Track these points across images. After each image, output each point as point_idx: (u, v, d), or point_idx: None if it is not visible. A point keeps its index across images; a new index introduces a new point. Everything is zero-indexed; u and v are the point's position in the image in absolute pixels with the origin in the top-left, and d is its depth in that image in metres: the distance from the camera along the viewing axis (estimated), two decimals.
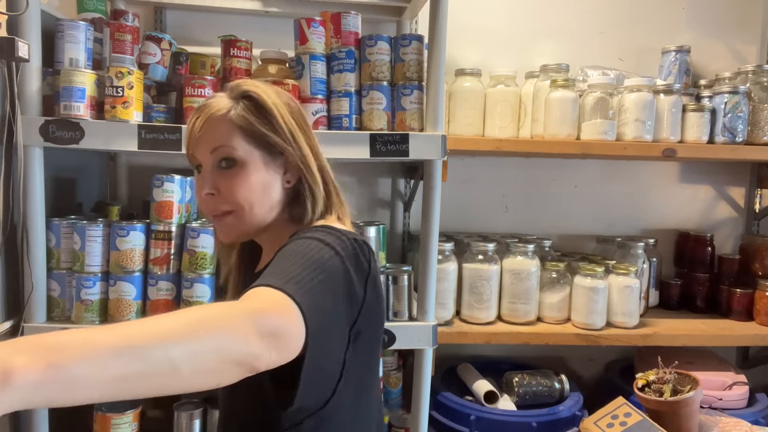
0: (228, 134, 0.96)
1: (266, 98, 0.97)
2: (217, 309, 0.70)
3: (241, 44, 1.63)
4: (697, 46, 2.26)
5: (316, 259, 0.84)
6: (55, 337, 0.58)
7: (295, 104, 1.03)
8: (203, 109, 0.98)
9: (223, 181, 0.96)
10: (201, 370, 0.63)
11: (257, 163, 0.97)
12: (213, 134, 0.96)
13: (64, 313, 1.56)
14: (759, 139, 2.03)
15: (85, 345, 0.58)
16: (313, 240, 0.89)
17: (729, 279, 2.22)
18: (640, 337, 1.93)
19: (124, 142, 1.48)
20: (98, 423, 1.53)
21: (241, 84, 0.99)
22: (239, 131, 0.95)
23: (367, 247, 0.95)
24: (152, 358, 0.60)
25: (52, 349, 0.56)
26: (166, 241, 1.54)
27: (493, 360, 2.21)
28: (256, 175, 0.96)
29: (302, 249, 0.86)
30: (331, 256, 0.86)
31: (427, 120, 1.62)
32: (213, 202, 0.97)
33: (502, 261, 1.98)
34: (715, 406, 1.92)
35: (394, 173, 2.26)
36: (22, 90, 1.43)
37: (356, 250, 0.91)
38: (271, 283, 0.77)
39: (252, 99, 0.97)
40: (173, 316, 0.66)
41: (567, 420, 1.84)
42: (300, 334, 0.74)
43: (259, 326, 0.69)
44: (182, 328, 0.64)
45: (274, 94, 0.99)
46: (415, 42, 1.63)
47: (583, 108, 1.95)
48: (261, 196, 0.97)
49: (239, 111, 0.96)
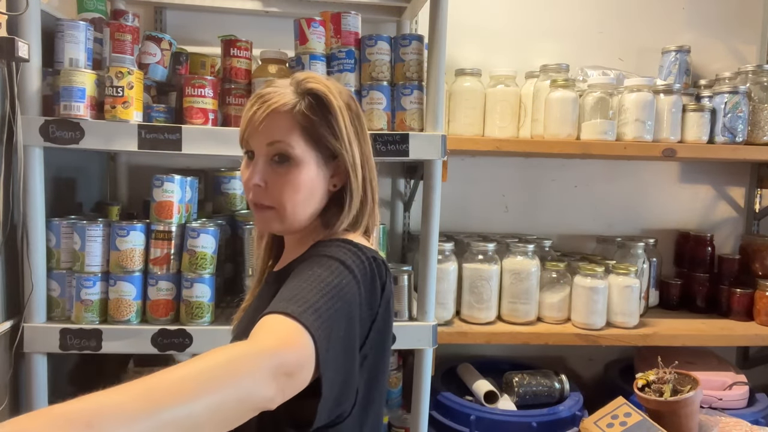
0: (288, 131, 0.93)
1: (332, 99, 0.95)
2: (234, 352, 0.69)
3: (241, 44, 1.63)
4: (697, 46, 2.26)
5: (335, 285, 0.83)
6: (78, 406, 0.56)
7: (355, 105, 1.00)
8: (267, 99, 0.94)
9: (274, 176, 0.95)
10: (221, 421, 0.64)
11: (311, 163, 0.95)
12: (273, 127, 0.93)
13: (64, 313, 1.56)
14: (759, 139, 2.03)
15: (114, 412, 0.56)
16: (333, 260, 0.88)
17: (729, 279, 2.22)
18: (640, 337, 1.93)
19: (124, 142, 1.48)
20: None
21: (309, 80, 0.96)
22: (300, 129, 0.93)
23: (385, 267, 0.94)
24: (177, 421, 0.59)
25: (81, 420, 0.54)
26: (166, 241, 1.54)
27: (493, 360, 2.21)
28: (307, 175, 0.95)
29: (322, 271, 0.85)
30: (349, 281, 0.85)
31: (427, 120, 1.62)
32: (259, 194, 0.96)
33: (502, 261, 1.98)
34: (715, 406, 1.92)
35: (394, 173, 2.26)
36: (22, 90, 1.43)
37: (374, 272, 0.91)
38: (288, 311, 0.77)
39: (318, 98, 0.94)
40: (191, 366, 0.65)
41: (567, 420, 1.84)
42: (311, 368, 0.74)
43: (275, 369, 0.69)
44: (203, 383, 0.63)
45: (338, 95, 0.97)
46: (415, 42, 1.63)
47: (583, 108, 1.95)
48: (306, 198, 0.96)
49: (303, 109, 0.93)
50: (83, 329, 1.49)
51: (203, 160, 1.98)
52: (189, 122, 1.55)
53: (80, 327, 1.49)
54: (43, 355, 1.49)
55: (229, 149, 1.52)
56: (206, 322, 1.55)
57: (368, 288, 0.89)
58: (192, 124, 1.54)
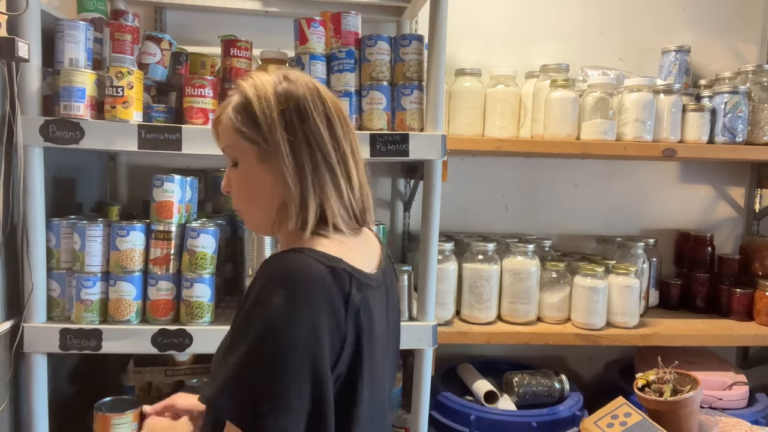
0: (228, 135, 0.97)
1: (250, 92, 0.94)
2: None
3: (241, 44, 1.63)
4: (697, 46, 2.26)
5: (280, 347, 0.80)
6: None
7: (299, 96, 0.94)
8: (217, 110, 1.02)
9: (231, 179, 1.01)
10: None
11: (254, 164, 0.94)
12: (221, 135, 1.00)
13: (64, 313, 1.55)
14: (759, 139, 2.03)
15: None
16: (273, 309, 0.81)
17: (729, 279, 2.22)
18: (640, 337, 1.93)
19: (124, 142, 1.48)
20: (98, 423, 1.53)
21: (239, 80, 0.99)
22: (237, 132, 0.95)
23: (350, 275, 0.88)
24: None
25: None
26: (166, 241, 1.54)
27: (493, 360, 2.21)
28: (253, 176, 0.95)
29: (260, 331, 0.82)
30: (294, 331, 0.81)
31: (427, 120, 1.62)
32: (231, 198, 1.04)
33: (502, 261, 1.98)
34: (715, 406, 1.92)
35: (394, 173, 2.26)
36: (22, 90, 1.43)
37: (329, 290, 0.85)
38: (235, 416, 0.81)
39: (240, 100, 0.95)
40: None
41: (567, 420, 1.84)
42: None
43: None
44: None
45: (264, 86, 0.94)
46: (415, 42, 1.63)
47: (583, 108, 1.95)
48: (253, 199, 0.97)
49: (230, 113, 0.95)
50: (83, 329, 1.49)
51: (203, 160, 1.98)
52: (189, 122, 1.55)
53: (80, 327, 1.49)
54: (43, 355, 1.49)
55: None
56: (206, 322, 1.55)
57: (325, 309, 0.84)
58: (192, 124, 1.54)
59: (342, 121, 0.98)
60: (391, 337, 1.06)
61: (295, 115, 0.93)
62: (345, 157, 0.96)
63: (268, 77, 0.97)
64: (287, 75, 0.97)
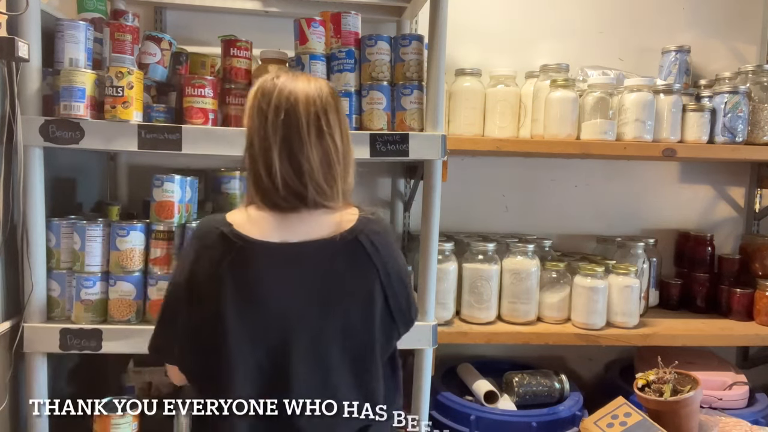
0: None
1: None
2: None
3: (241, 44, 1.63)
4: (697, 46, 2.26)
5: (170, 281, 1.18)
6: None
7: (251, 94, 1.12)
8: None
9: None
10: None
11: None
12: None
13: (64, 313, 1.55)
14: (759, 139, 2.03)
15: None
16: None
17: (729, 279, 2.22)
18: (640, 337, 1.93)
19: (124, 142, 1.48)
20: (98, 423, 1.53)
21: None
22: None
23: (228, 238, 1.07)
24: None
25: None
26: (166, 241, 1.54)
27: (493, 360, 2.21)
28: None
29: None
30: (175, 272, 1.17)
31: (427, 120, 1.62)
32: None
33: (502, 261, 1.98)
34: (715, 406, 1.92)
35: (394, 173, 2.26)
36: (22, 90, 1.43)
37: (207, 249, 1.08)
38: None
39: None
40: None
41: (567, 420, 1.84)
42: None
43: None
44: None
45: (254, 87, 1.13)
46: (415, 42, 1.63)
47: (583, 108, 1.95)
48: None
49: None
50: (83, 329, 1.49)
51: (203, 160, 1.98)
52: (189, 122, 1.55)
53: (80, 327, 1.49)
54: (43, 355, 1.49)
55: (228, 149, 1.51)
56: None
57: (201, 256, 1.09)
58: (192, 124, 1.54)
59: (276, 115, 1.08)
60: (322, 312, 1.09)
61: (248, 110, 1.13)
62: (268, 148, 1.08)
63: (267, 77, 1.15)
64: (277, 74, 1.13)
